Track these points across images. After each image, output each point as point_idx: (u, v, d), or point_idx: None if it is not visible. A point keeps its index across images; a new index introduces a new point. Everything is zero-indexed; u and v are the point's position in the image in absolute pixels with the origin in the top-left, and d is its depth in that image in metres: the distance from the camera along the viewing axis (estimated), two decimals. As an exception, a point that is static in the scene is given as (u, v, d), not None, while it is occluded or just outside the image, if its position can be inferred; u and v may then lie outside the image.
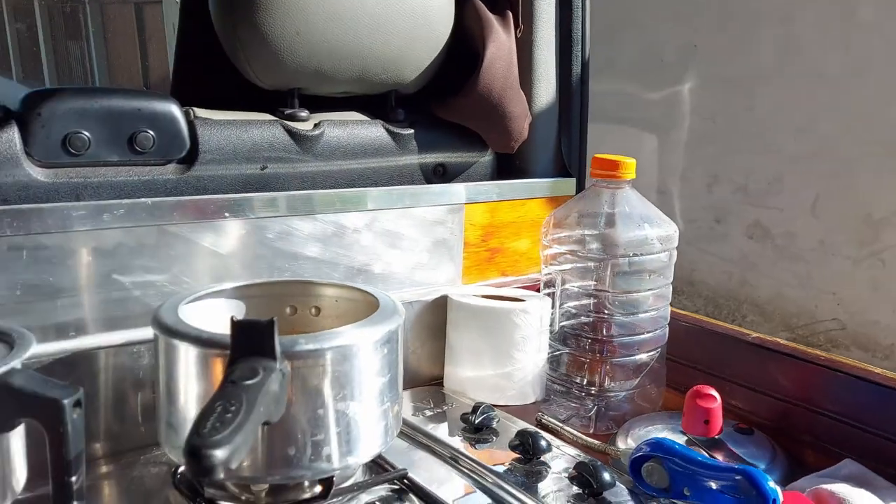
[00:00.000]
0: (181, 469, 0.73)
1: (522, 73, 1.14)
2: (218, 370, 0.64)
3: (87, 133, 0.80)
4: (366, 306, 0.80)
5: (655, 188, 2.50)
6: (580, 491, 0.73)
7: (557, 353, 1.00)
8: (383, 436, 0.71)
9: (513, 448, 0.81)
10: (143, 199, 0.81)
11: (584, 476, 0.73)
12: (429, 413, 0.93)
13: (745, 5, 2.18)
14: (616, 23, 2.57)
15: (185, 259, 0.85)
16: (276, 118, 0.96)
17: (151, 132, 0.84)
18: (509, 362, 0.99)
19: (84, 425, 0.57)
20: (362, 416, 0.67)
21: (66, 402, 0.55)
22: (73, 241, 0.78)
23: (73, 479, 0.56)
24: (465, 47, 1.08)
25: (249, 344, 0.59)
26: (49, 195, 0.79)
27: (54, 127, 0.78)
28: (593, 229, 0.95)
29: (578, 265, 0.97)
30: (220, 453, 0.47)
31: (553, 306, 1.00)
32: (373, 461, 0.79)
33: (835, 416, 0.85)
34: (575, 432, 0.89)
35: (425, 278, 1.07)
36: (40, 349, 0.74)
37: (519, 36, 1.12)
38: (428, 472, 0.79)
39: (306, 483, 0.73)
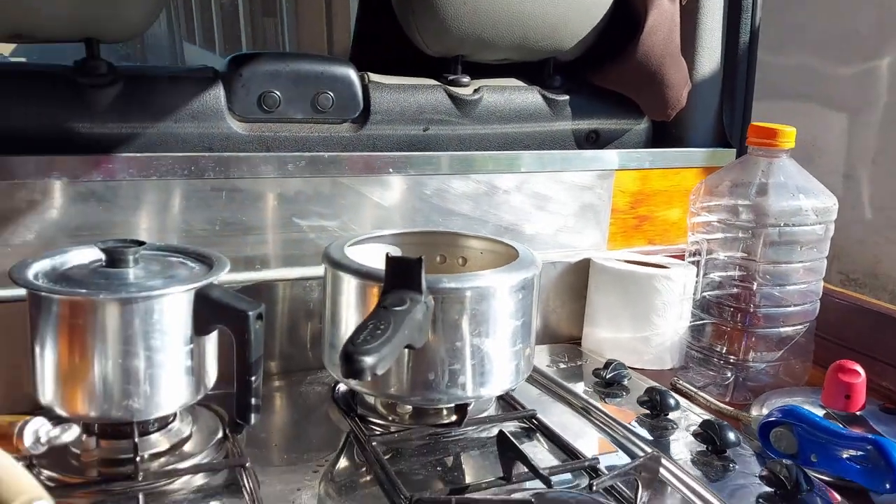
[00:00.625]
0: (340, 387, 0.84)
1: (685, 40, 1.13)
2: (373, 299, 0.73)
3: (278, 93, 0.92)
4: (507, 259, 0.86)
5: (842, 172, 2.33)
6: (704, 448, 0.76)
7: (699, 321, 1.01)
8: (514, 374, 0.77)
9: (641, 403, 0.84)
10: (321, 153, 0.93)
11: (708, 433, 0.75)
12: (563, 366, 0.98)
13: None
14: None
15: (353, 208, 0.96)
16: (439, 83, 1.04)
17: (331, 93, 0.94)
18: (648, 327, 1.01)
19: (263, 337, 0.68)
20: (495, 353, 0.74)
21: (251, 313, 0.66)
22: (261, 187, 0.90)
23: (253, 378, 0.68)
24: (625, 14, 1.10)
25: (400, 278, 0.67)
26: (244, 146, 0.92)
27: (252, 86, 0.91)
28: (745, 199, 0.95)
29: (727, 234, 0.96)
30: (368, 359, 0.56)
31: (698, 274, 1.01)
32: (505, 401, 0.86)
33: None
34: (709, 398, 0.90)
35: (570, 241, 1.11)
36: (231, 277, 0.87)
37: (684, 3, 1.12)
38: (556, 417, 0.85)
39: (444, 411, 0.82)
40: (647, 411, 0.83)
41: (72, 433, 0.58)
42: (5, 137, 0.80)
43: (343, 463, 0.74)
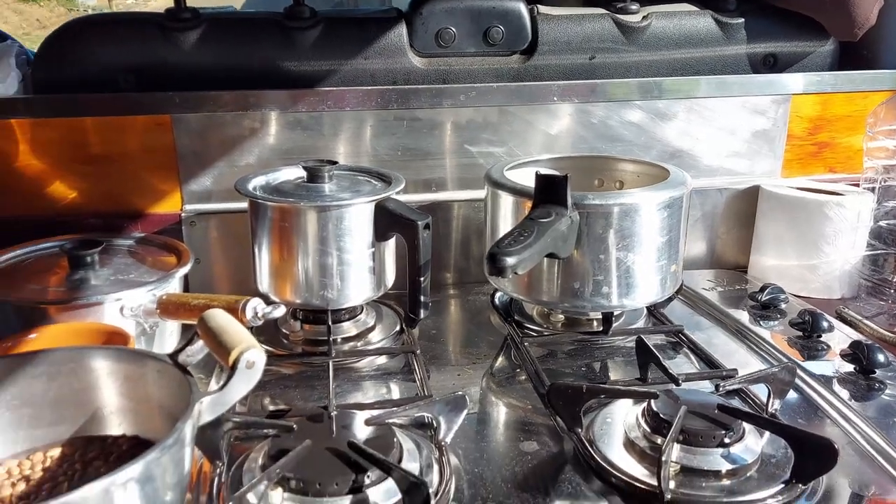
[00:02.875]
0: (500, 296, 0.94)
1: (881, -45, 1.05)
2: (525, 213, 0.81)
3: (453, 28, 1.01)
4: (659, 180, 0.89)
5: None
6: (851, 368, 0.76)
7: (875, 251, 0.98)
8: (658, 288, 0.82)
9: (793, 325, 0.85)
10: (491, 84, 1.01)
11: (856, 353, 0.75)
12: (721, 290, 1.00)
13: None
14: None
15: (519, 135, 1.04)
16: (607, 12, 1.06)
17: (502, 27, 1.01)
18: (817, 255, 1.00)
19: (430, 244, 0.79)
20: (639, 267, 0.80)
21: (420, 223, 0.77)
22: (437, 116, 1.01)
23: (422, 279, 0.80)
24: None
25: (547, 193, 0.75)
26: (423, 79, 1.02)
27: (430, 24, 1.00)
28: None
29: (907, 160, 0.92)
30: (509, 259, 0.64)
31: (876, 203, 0.97)
32: (654, 316, 0.91)
33: None
34: (875, 326, 0.88)
35: (740, 168, 1.10)
36: (410, 197, 0.99)
37: None
38: (704, 335, 0.88)
39: (594, 322, 0.89)
40: (800, 333, 0.84)
41: (280, 310, 0.73)
42: (231, 75, 0.97)
43: (501, 361, 0.84)
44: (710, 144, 1.09)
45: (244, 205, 0.96)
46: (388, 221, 0.80)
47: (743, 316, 0.92)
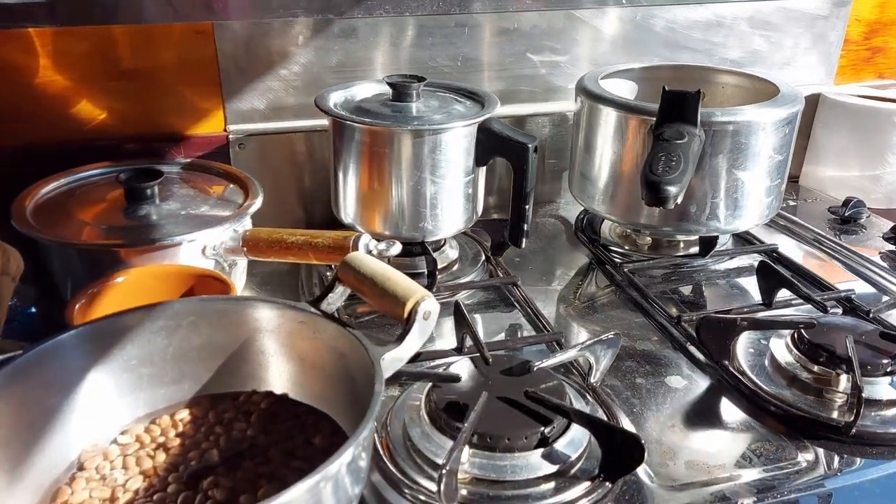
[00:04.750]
0: (584, 218, 0.89)
1: None
2: (634, 131, 0.76)
3: (516, -77, 0.90)
4: (755, 94, 0.85)
5: None
6: (961, 283, 0.76)
7: (940, 160, 0.97)
8: (768, 209, 0.79)
9: (887, 239, 0.84)
10: (558, -15, 0.92)
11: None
12: (792, 203, 0.98)
13: None
14: None
15: (583, 43, 0.96)
16: None
17: (568, -79, 0.92)
18: (881, 165, 0.99)
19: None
20: (753, 188, 0.76)
21: (530, 145, 0.70)
22: (499, 22, 0.92)
23: (527, 206, 0.74)
24: None
25: (676, 111, 0.69)
26: (484, -20, 0.92)
27: (493, -83, 0.89)
28: None
29: None
30: (673, 188, 0.59)
31: (945, 111, 0.96)
32: (741, 236, 0.88)
33: None
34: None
35: (797, 75, 1.06)
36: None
37: None
38: (793, 251, 0.87)
39: (682, 243, 0.86)
40: (893, 248, 0.84)
41: (397, 247, 0.66)
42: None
43: (604, 291, 0.79)
44: (770, 51, 1.04)
45: (298, 123, 0.87)
46: (492, 144, 0.72)
47: (827, 231, 0.90)
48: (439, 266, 0.80)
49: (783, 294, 0.72)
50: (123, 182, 0.70)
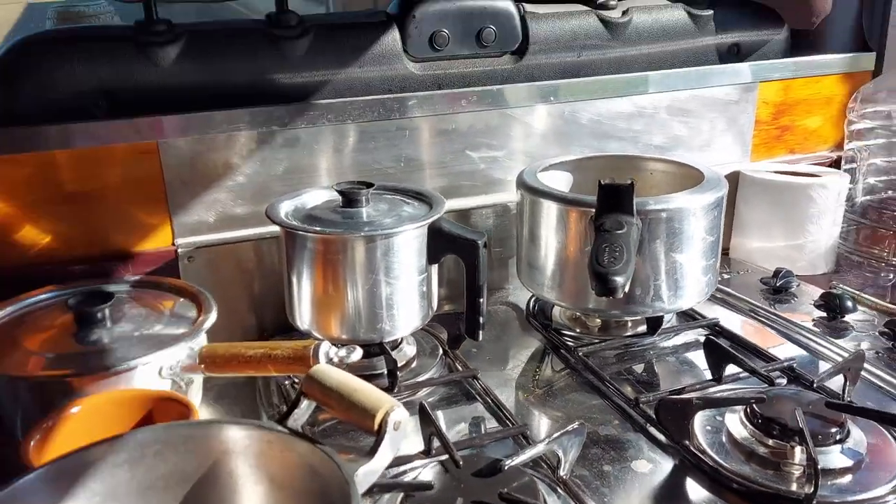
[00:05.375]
0: (536, 305, 0.92)
1: (826, -56, 1.12)
2: (575, 223, 0.80)
3: (447, 31, 0.96)
4: (681, 179, 0.91)
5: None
6: (890, 345, 0.81)
7: (854, 226, 1.04)
8: (707, 286, 0.83)
9: (817, 307, 0.89)
10: (490, 87, 0.97)
11: (894, 331, 0.80)
12: (726, 276, 1.03)
13: None
14: None
15: (517, 137, 1.01)
16: (590, 8, 1.06)
17: (493, 27, 0.98)
18: (802, 235, 1.05)
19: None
20: (691, 269, 0.80)
21: (480, 242, 0.73)
22: (438, 123, 0.96)
23: (481, 300, 0.76)
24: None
25: (613, 202, 0.73)
26: (419, 86, 0.97)
27: (424, 27, 0.95)
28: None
29: (886, 141, 0.98)
30: (620, 279, 0.63)
31: (854, 181, 1.03)
32: (684, 312, 0.92)
33: None
34: (874, 299, 0.94)
35: (715, 156, 1.14)
36: (418, 208, 0.94)
37: None
38: (733, 323, 0.91)
39: (630, 323, 0.89)
40: (824, 314, 0.89)
41: (357, 353, 0.66)
42: (216, 92, 0.87)
43: (559, 376, 0.81)
44: (688, 134, 1.11)
45: (247, 232, 0.88)
46: (442, 243, 0.75)
47: (762, 302, 0.95)
48: (399, 364, 0.80)
49: (731, 367, 0.75)
50: (73, 307, 0.69)
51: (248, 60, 0.88)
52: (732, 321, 0.91)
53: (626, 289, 0.64)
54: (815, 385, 0.70)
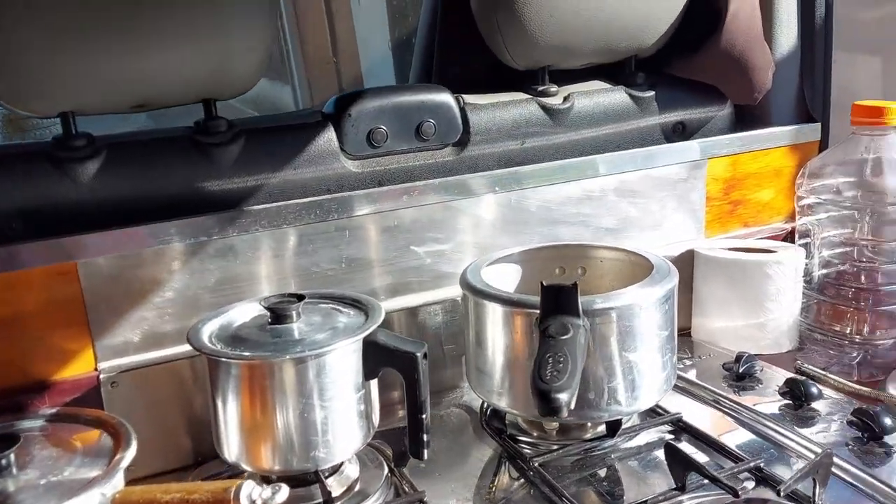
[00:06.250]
0: (488, 409, 0.87)
1: (764, 23, 1.13)
2: (519, 324, 0.76)
3: (384, 127, 0.94)
4: (631, 266, 0.88)
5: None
6: (859, 434, 0.77)
7: (814, 302, 1.02)
8: (665, 383, 0.79)
9: (782, 394, 0.85)
10: (432, 181, 0.95)
11: (863, 420, 0.76)
12: (689, 363, 0.99)
13: None
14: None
15: (464, 230, 0.98)
16: (530, 96, 1.05)
17: (433, 121, 0.96)
18: (763, 313, 1.02)
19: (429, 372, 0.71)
20: (648, 366, 0.76)
21: (418, 354, 0.69)
22: (380, 221, 0.92)
23: (424, 416, 0.71)
24: (705, 4, 1.10)
25: (557, 304, 0.69)
26: (358, 184, 0.94)
27: (361, 125, 0.93)
28: (853, 178, 0.95)
29: (837, 214, 0.97)
30: (564, 396, 0.58)
31: (809, 256, 1.01)
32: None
33: None
34: (840, 379, 0.91)
35: (669, 234, 1.12)
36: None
37: (761, -15, 1.11)
38: (697, 416, 0.86)
39: (589, 425, 0.84)
40: (789, 402, 0.85)
41: (284, 493, 0.60)
42: (142, 206, 0.83)
43: (515, 489, 0.76)
44: (640, 214, 1.09)
45: (178, 350, 0.83)
46: (379, 357, 0.70)
47: (723, 389, 0.91)
48: (340, 489, 0.74)
49: (703, 459, 0.71)
50: (-28, 457, 0.63)
51: (174, 171, 0.85)
52: (696, 414, 0.87)
53: (573, 405, 0.59)
54: (782, 492, 0.65)
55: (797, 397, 0.84)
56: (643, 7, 1.05)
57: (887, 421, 0.75)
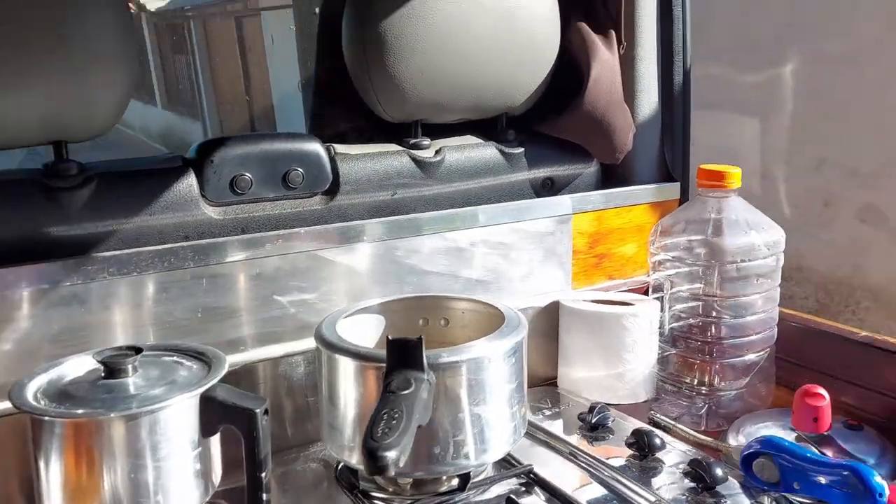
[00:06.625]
0: (342, 464, 0.86)
1: (626, 87, 1.20)
2: (372, 379, 0.76)
3: (249, 174, 0.93)
4: (489, 318, 0.89)
5: (759, 174, 2.47)
6: (694, 485, 0.80)
7: (667, 354, 1.07)
8: (513, 435, 0.81)
9: (629, 445, 0.89)
10: (297, 230, 0.94)
11: (697, 472, 0.80)
12: (547, 412, 1.02)
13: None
14: (710, 5, 2.55)
15: (330, 279, 0.98)
16: (402, 148, 1.07)
17: (301, 169, 0.96)
18: (620, 364, 1.06)
19: (269, 430, 0.69)
20: (495, 419, 0.77)
21: (258, 411, 0.67)
22: (241, 269, 0.91)
23: (264, 475, 0.69)
24: (570, 67, 1.16)
25: (402, 358, 0.70)
26: (220, 231, 0.92)
27: (224, 171, 0.92)
28: (701, 236, 1.01)
29: (686, 270, 1.02)
30: (392, 454, 0.58)
31: (662, 310, 1.07)
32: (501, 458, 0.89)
33: (946, 413, 0.88)
34: (686, 429, 0.95)
35: (537, 286, 1.15)
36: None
37: (622, 53, 1.18)
38: (549, 467, 0.88)
39: (444, 478, 0.84)
40: (635, 452, 0.88)
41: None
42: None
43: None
44: (509, 267, 1.12)
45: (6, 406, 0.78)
46: (217, 413, 0.68)
47: (576, 440, 0.93)
48: (177, 553, 0.71)
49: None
50: None
51: (18, 214, 0.81)
52: (549, 465, 0.89)
53: (401, 463, 0.59)
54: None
55: (642, 448, 0.87)
56: (511, 69, 1.09)
57: (718, 472, 0.79)
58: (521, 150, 1.16)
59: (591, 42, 1.14)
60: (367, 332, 0.89)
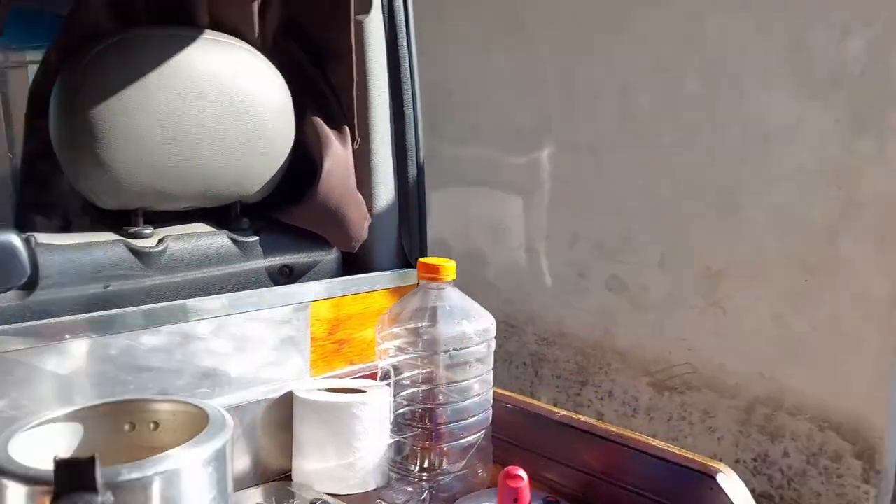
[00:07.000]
0: None
1: (362, 179, 1.25)
2: (43, 504, 0.69)
3: (-79, 272, 0.83)
4: (198, 419, 0.86)
5: (524, 247, 2.69)
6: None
7: (395, 440, 1.09)
8: (212, 547, 0.77)
9: (343, 542, 0.89)
10: (-21, 331, 0.85)
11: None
12: (271, 511, 0.99)
13: (587, 77, 2.41)
14: (476, 94, 2.78)
15: (26, 384, 0.89)
16: (119, 237, 1.02)
17: (-11, 263, 0.88)
18: (351, 453, 1.07)
19: None
20: (190, 533, 0.74)
21: None
22: None
23: None
24: (304, 159, 1.18)
25: (72, 480, 0.64)
26: None
27: None
28: (422, 323, 1.06)
29: (409, 358, 1.07)
30: None
31: (391, 397, 1.10)
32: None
33: (633, 489, 0.97)
34: (408, 518, 0.98)
35: (274, 375, 1.14)
36: None
37: (356, 147, 1.23)
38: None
39: None
40: (350, 549, 0.88)
41: None
42: None
43: None
44: (243, 358, 1.10)
45: None
46: None
47: (297, 539, 0.92)
48: None
49: None
50: None
51: None
52: (263, 570, 0.86)
53: None
54: None
55: (358, 543, 0.88)
56: (243, 159, 1.09)
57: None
58: (256, 238, 1.15)
59: (325, 136, 1.17)
60: (59, 446, 0.82)
